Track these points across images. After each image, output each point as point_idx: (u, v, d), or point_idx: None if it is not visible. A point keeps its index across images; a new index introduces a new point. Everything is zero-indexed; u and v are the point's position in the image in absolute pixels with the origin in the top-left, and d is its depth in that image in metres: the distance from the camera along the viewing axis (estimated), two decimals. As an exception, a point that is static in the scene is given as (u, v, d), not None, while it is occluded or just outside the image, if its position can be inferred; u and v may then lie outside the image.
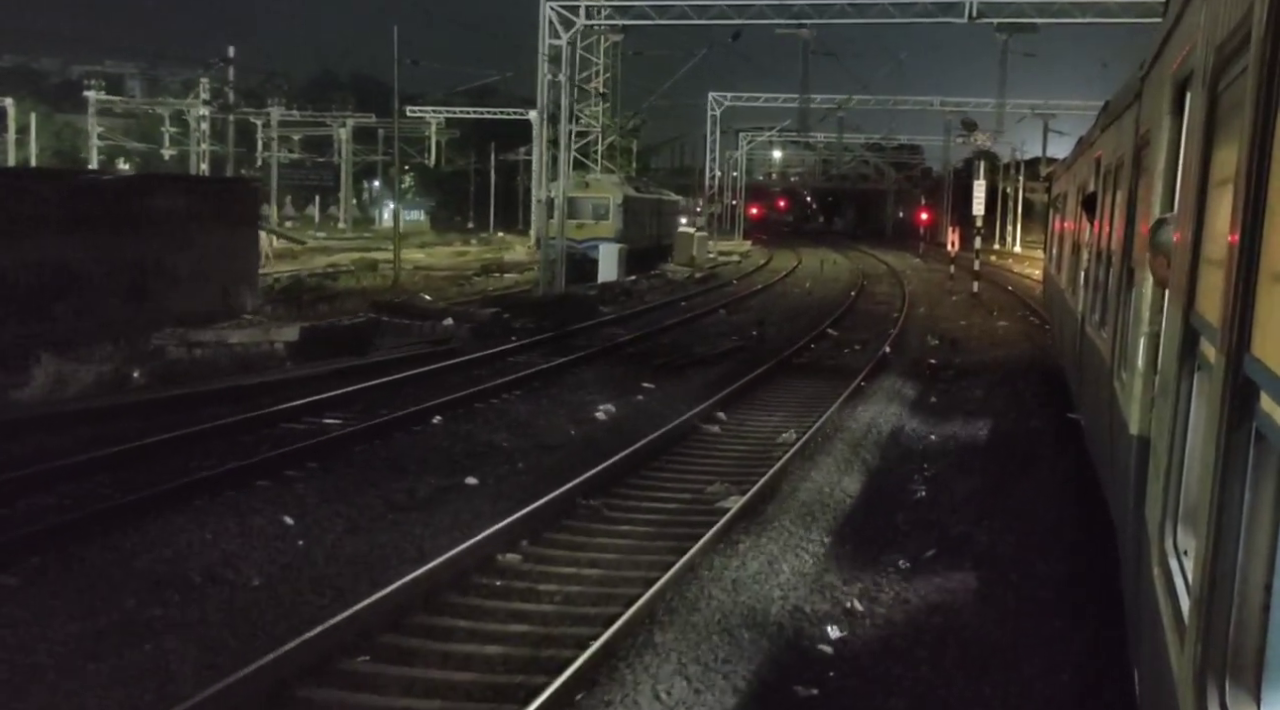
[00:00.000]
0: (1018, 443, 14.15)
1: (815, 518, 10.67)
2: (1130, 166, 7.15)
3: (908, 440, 14.36)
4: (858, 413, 15.67)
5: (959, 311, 32.51)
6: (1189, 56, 4.29)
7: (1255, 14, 2.48)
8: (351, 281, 35.52)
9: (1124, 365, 6.56)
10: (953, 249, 46.00)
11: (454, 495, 11.09)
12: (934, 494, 11.65)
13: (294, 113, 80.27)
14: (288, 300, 28.27)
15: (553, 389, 17.57)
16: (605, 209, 42.85)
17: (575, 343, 23.45)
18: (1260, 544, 2.38)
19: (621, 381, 18.67)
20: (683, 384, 18.77)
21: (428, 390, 16.59)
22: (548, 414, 15.51)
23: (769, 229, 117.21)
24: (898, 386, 18.52)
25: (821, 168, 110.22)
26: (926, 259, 62.48)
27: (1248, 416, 2.43)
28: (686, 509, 10.98)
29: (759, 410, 16.48)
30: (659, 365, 20.35)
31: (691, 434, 14.56)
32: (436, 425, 14.48)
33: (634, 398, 17.26)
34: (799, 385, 18.92)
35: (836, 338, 26.00)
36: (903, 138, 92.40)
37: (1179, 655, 2.96)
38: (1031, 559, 9.50)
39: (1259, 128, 2.38)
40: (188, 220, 24.78)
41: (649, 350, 23.03)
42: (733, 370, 20.01)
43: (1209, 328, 3.09)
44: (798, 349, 23.30)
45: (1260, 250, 2.38)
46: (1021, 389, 18.25)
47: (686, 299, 35.42)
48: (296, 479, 11.55)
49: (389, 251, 60.80)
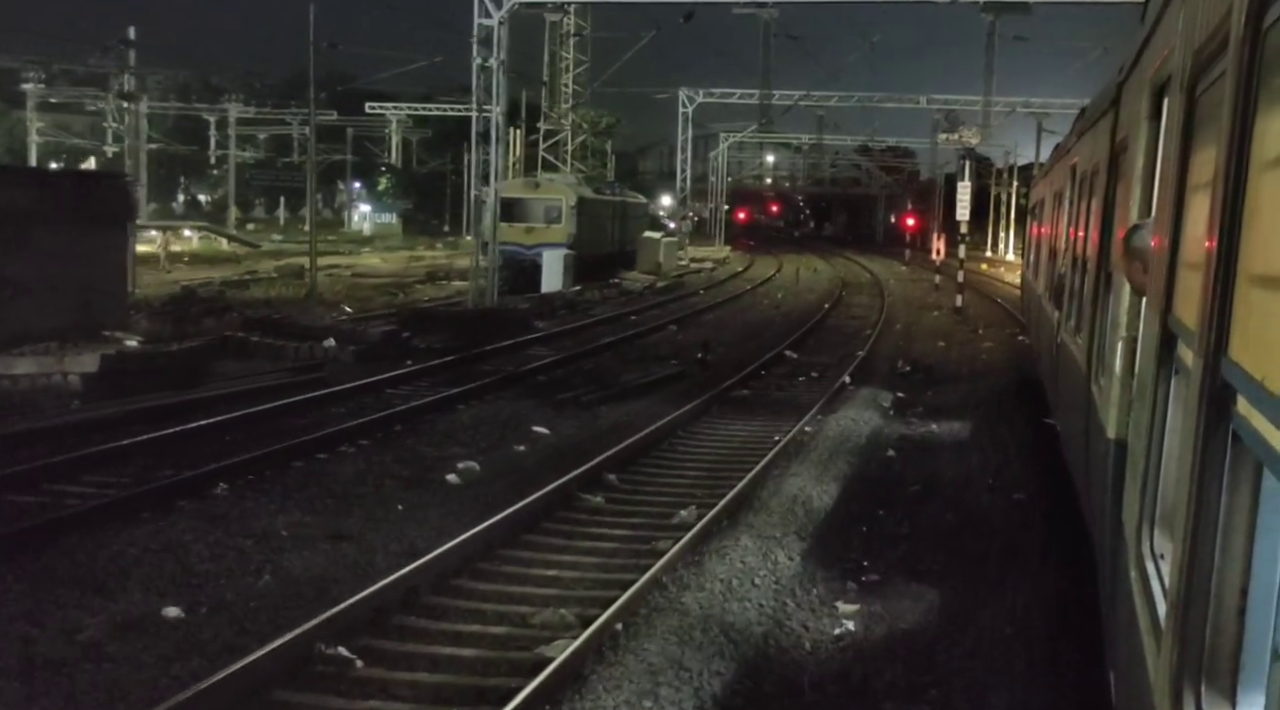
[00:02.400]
0: (994, 529, 10.51)
1: (681, 678, 7.01)
2: (1106, 172, 7.15)
3: (842, 524, 10.68)
4: (787, 480, 11.99)
5: (939, 329, 28.86)
6: (1167, 61, 4.25)
7: (1233, 18, 2.52)
8: (262, 291, 31.76)
9: (1101, 370, 6.53)
10: (938, 257, 42.39)
11: (138, 637, 7.38)
12: (867, 644, 7.98)
13: (250, 110, 76.22)
14: (170, 314, 24.56)
15: (410, 438, 13.90)
16: (557, 212, 39.07)
17: (481, 368, 19.82)
18: (1236, 547, 2.37)
19: (509, 423, 15.04)
20: (585, 426, 15.14)
21: (245, 440, 12.93)
22: (377, 478, 11.84)
23: (757, 234, 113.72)
24: (848, 433, 14.89)
25: (808, 171, 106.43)
26: (913, 267, 58.92)
27: (1224, 420, 2.43)
28: (489, 663, 7.32)
29: (666, 470, 12.83)
30: (567, 400, 16.70)
31: (561, 508, 10.92)
32: (214, 497, 10.79)
33: (513, 448, 13.62)
34: (729, 430, 15.28)
35: (794, 362, 22.37)
36: (890, 140, 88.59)
37: (1155, 659, 2.96)
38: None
39: (1236, 132, 2.42)
40: (32, 221, 21.08)
41: (565, 378, 19.39)
42: (655, 407, 16.40)
43: (1186, 332, 3.09)
44: (745, 376, 19.69)
45: (1237, 255, 2.40)
46: (1005, 440, 14.60)
47: (638, 312, 31.75)
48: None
49: (345, 256, 57.67)
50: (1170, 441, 3.51)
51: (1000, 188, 75.43)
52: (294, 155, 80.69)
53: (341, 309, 30.19)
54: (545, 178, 44.25)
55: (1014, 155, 76.04)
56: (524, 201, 39.19)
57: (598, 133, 69.02)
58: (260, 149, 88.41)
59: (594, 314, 30.52)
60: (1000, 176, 77.01)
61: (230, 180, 74.03)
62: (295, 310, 28.57)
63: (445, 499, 11.20)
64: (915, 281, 49.12)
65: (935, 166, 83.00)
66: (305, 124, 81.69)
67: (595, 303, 33.72)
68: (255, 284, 33.80)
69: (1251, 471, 2.32)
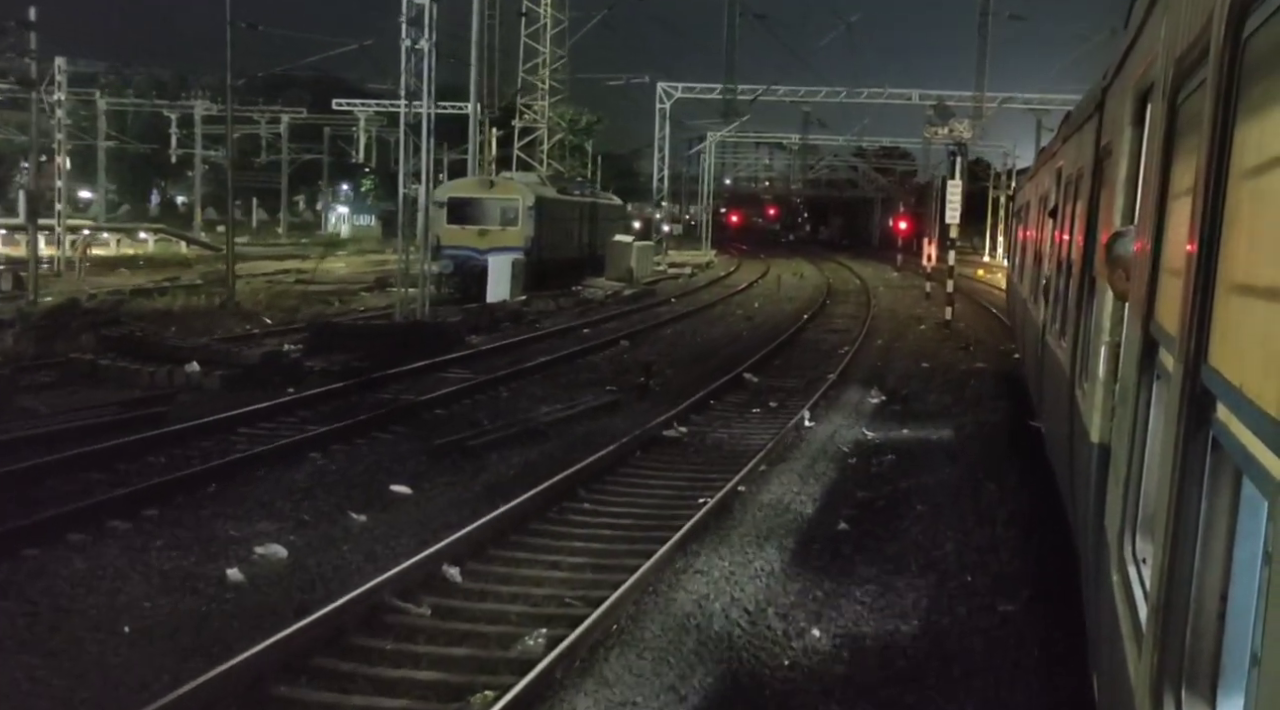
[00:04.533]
0: (969, 670, 7.30)
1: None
2: (1090, 177, 7.15)
3: (769, 655, 7.46)
4: (689, 582, 8.75)
5: (925, 347, 25.61)
6: (1150, 68, 4.30)
7: (1214, 26, 2.54)
8: (170, 301, 28.49)
9: (1084, 374, 6.48)
10: (929, 263, 39.22)
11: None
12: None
13: (213, 108, 72.76)
14: (45, 328, 21.36)
15: (214, 505, 10.65)
16: (514, 213, 35.80)
17: (375, 396, 16.64)
18: (1216, 552, 2.38)
19: (363, 480, 11.86)
20: (459, 484, 11.95)
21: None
22: (118, 580, 8.61)
23: (752, 237, 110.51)
24: (794, 493, 11.70)
25: (799, 172, 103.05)
26: (904, 273, 55.77)
27: (1204, 425, 2.44)
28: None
29: (538, 562, 9.58)
30: (451, 444, 13.50)
31: (369, 623, 7.73)
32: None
33: (350, 520, 10.43)
34: (642, 491, 12.06)
35: (753, 388, 19.19)
36: (885, 140, 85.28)
37: (1137, 662, 2.97)
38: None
39: (1217, 139, 2.43)
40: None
41: (470, 411, 16.22)
42: (563, 453, 13.27)
43: (1167, 338, 3.11)
44: (690, 407, 16.54)
45: (1218, 262, 2.41)
46: (993, 507, 11.39)
47: (593, 324, 28.50)
48: None
49: (310, 260, 54.11)
50: (1152, 447, 3.49)
51: (1000, 190, 72.23)
52: (262, 155, 77.24)
53: (261, 320, 27.10)
54: (503, 176, 41.02)
55: (1013, 157, 72.96)
56: (476, 202, 35.97)
57: (577, 131, 65.82)
58: (233, 149, 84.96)
59: (540, 327, 27.28)
60: (999, 179, 73.91)
61: (197, 180, 70.65)
62: (204, 323, 25.45)
63: (212, 612, 7.99)
64: (905, 289, 45.97)
65: (929, 166, 79.63)
66: (272, 123, 78.99)
67: (548, 313, 30.47)
68: (169, 292, 30.56)
69: (1231, 477, 2.35)
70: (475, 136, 54.89)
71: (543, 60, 60.17)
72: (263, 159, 76.62)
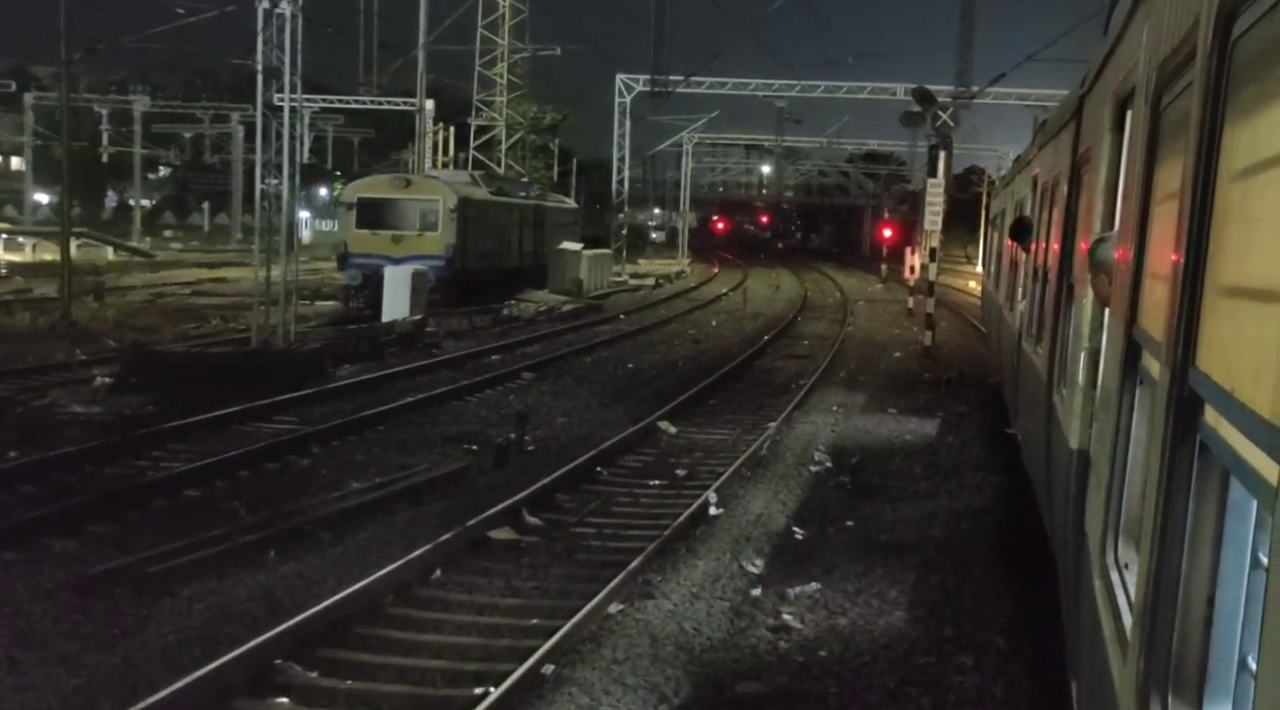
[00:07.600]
0: None
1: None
2: (1068, 184, 7.23)
3: None
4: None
5: (898, 382, 20.80)
6: (1131, 73, 4.30)
7: (1201, 29, 2.50)
8: (7, 315, 23.76)
9: (1062, 380, 6.52)
10: (911, 276, 34.63)
11: None
12: None
13: (150, 104, 67.98)
14: None
15: None
16: (434, 216, 31.03)
17: (108, 471, 11.97)
18: (1203, 556, 2.35)
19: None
20: (72, 662, 7.23)
21: None
22: None
23: (742, 245, 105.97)
24: (655, 656, 6.99)
25: (778, 178, 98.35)
26: (889, 285, 51.19)
27: (1192, 430, 2.41)
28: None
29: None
30: (120, 573, 8.76)
31: None
32: None
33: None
34: (422, 653, 7.35)
35: (664, 446, 14.53)
36: (873, 142, 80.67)
37: (1121, 668, 2.93)
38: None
39: (1204, 143, 2.40)
40: None
41: (238, 489, 11.51)
42: (316, 575, 8.65)
43: (1152, 342, 3.09)
44: (562, 478, 11.97)
45: (1205, 265, 2.38)
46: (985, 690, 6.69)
47: (507, 349, 23.73)
48: None
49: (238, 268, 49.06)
50: (1135, 452, 3.49)
51: (992, 196, 67.77)
52: (205, 154, 72.50)
53: (105, 343, 22.47)
54: (424, 175, 36.25)
55: (1011, 162, 68.46)
56: (389, 203, 31.20)
57: (540, 129, 61.03)
58: (186, 148, 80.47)
59: (438, 353, 22.52)
60: (994, 186, 69.50)
61: (136, 181, 65.93)
62: (13, 348, 20.80)
63: None
64: (887, 303, 41.39)
65: (914, 165, 75.01)
66: (215, 122, 74.26)
67: (457, 334, 25.69)
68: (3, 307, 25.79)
69: (1218, 481, 2.33)
70: (421, 133, 50.47)
71: (500, 54, 55.63)
72: (208, 158, 71.74)
